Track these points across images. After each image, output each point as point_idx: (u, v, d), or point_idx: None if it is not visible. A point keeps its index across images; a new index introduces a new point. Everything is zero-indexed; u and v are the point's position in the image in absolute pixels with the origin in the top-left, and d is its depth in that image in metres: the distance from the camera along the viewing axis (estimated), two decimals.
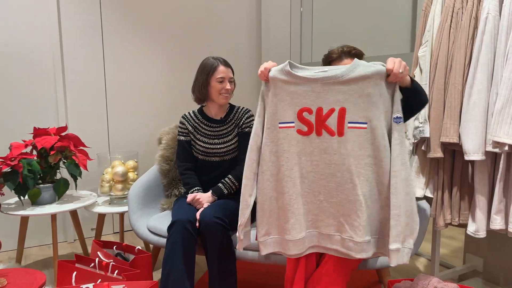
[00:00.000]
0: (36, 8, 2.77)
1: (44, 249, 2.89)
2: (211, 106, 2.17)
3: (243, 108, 2.20)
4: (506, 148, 1.57)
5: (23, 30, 2.75)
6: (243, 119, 2.16)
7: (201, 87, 2.10)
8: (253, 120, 2.16)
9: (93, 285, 1.67)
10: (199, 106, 2.26)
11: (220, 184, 2.08)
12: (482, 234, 1.76)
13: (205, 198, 2.01)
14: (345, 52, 1.77)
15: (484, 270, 2.26)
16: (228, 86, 2.08)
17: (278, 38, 3.47)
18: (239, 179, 2.09)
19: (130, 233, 3.17)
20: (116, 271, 1.85)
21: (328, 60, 1.82)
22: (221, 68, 2.07)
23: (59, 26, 2.84)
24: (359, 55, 1.80)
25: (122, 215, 2.59)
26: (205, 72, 2.08)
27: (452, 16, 1.76)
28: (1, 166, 2.21)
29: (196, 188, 2.09)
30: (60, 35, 2.85)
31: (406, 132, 1.99)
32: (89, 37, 2.95)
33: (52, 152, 2.33)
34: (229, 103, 2.22)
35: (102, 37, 2.99)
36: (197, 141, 2.16)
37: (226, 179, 2.09)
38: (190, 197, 2.02)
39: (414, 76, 1.93)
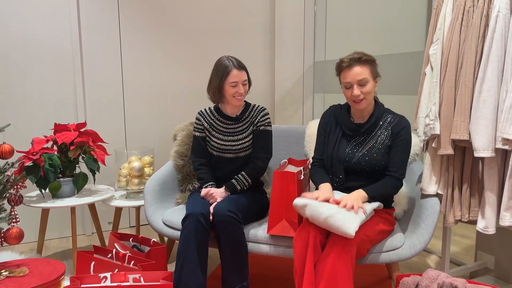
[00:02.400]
0: (56, 7, 2.86)
1: (64, 241, 2.99)
2: (227, 105, 2.20)
3: (258, 106, 2.22)
4: None
5: (43, 29, 2.85)
6: (258, 117, 2.18)
7: (215, 91, 2.11)
8: (268, 118, 2.20)
9: (110, 274, 1.74)
10: None
11: (233, 180, 2.12)
12: (491, 230, 1.77)
13: (218, 193, 2.06)
14: (354, 59, 1.81)
15: (495, 268, 2.27)
16: (241, 90, 2.07)
17: (291, 37, 3.50)
18: (252, 176, 2.14)
19: (145, 227, 3.25)
20: (132, 261, 1.91)
21: (340, 69, 1.87)
22: (234, 72, 2.05)
23: (78, 24, 2.93)
24: (369, 61, 1.83)
25: (138, 209, 2.66)
26: (219, 76, 2.07)
27: (463, 14, 1.78)
28: (23, 160, 2.30)
29: (210, 183, 2.15)
30: (79, 33, 2.94)
31: (416, 130, 2.02)
32: (107, 35, 3.04)
33: (72, 147, 2.42)
34: (245, 101, 2.25)
35: (119, 36, 3.08)
36: (212, 138, 2.21)
37: (240, 175, 2.14)
38: (204, 191, 2.08)
39: (425, 74, 1.95)
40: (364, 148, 1.87)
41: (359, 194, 1.77)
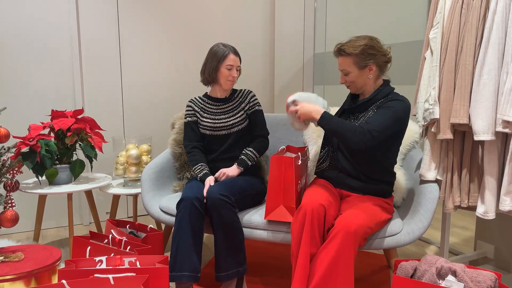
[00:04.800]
0: None
1: (61, 231, 2.98)
2: (217, 89, 2.28)
3: (245, 89, 2.33)
4: None
5: (41, 15, 2.83)
6: (248, 99, 2.28)
7: (211, 71, 2.21)
8: (256, 98, 2.32)
9: (106, 258, 1.72)
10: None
11: (242, 156, 2.18)
12: (491, 215, 1.75)
13: (230, 171, 2.12)
14: (337, 51, 1.89)
15: (495, 257, 2.25)
16: (235, 74, 2.21)
17: (291, 28, 3.48)
18: (259, 151, 2.24)
19: (143, 218, 3.23)
20: (129, 247, 1.90)
21: None
22: (231, 56, 2.18)
23: (77, 13, 2.91)
24: (350, 53, 1.83)
25: (135, 197, 2.65)
26: (216, 59, 2.18)
27: None
28: (20, 146, 2.29)
29: (200, 163, 2.18)
30: (77, 20, 2.92)
31: (416, 115, 2.00)
32: (105, 24, 3.02)
33: (68, 134, 2.40)
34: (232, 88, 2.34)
35: (118, 24, 3.06)
36: (204, 119, 2.26)
37: (247, 151, 2.20)
38: (217, 174, 2.12)
39: (425, 58, 1.93)
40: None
41: (315, 108, 1.82)
